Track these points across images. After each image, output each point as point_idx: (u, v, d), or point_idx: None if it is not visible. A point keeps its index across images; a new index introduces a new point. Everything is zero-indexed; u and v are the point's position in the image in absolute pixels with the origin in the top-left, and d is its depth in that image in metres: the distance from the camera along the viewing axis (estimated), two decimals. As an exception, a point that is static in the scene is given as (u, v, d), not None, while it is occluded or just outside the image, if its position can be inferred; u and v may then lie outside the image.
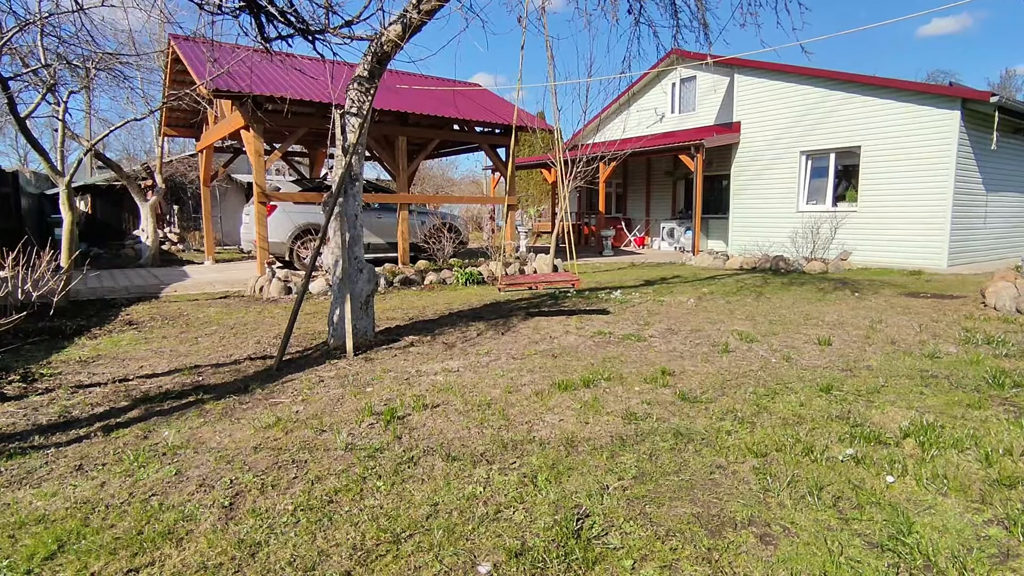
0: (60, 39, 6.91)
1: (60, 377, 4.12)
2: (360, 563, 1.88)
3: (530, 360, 4.44)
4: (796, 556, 1.87)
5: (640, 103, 16.41)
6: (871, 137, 11.06)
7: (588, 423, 3.09)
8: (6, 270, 5.42)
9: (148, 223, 11.91)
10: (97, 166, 19.63)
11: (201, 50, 8.37)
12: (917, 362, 4.22)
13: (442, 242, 10.62)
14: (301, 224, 10.31)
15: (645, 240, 16.82)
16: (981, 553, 1.88)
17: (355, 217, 4.98)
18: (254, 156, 8.87)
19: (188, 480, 2.49)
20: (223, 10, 4.18)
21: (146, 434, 3.02)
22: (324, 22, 4.39)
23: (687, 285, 8.73)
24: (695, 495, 2.30)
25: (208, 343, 5.19)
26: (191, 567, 1.87)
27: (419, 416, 3.24)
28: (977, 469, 2.46)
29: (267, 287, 8.12)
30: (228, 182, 17.82)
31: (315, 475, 2.51)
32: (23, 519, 2.17)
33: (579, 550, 1.92)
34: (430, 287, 8.96)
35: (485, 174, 28.92)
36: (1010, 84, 34.04)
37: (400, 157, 10.56)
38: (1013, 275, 6.64)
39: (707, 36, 6.40)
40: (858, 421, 3.03)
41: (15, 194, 13.32)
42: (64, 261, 7.08)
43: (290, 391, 3.75)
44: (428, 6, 4.59)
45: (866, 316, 5.98)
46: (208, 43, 5.27)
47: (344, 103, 4.92)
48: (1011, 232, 12.33)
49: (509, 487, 2.37)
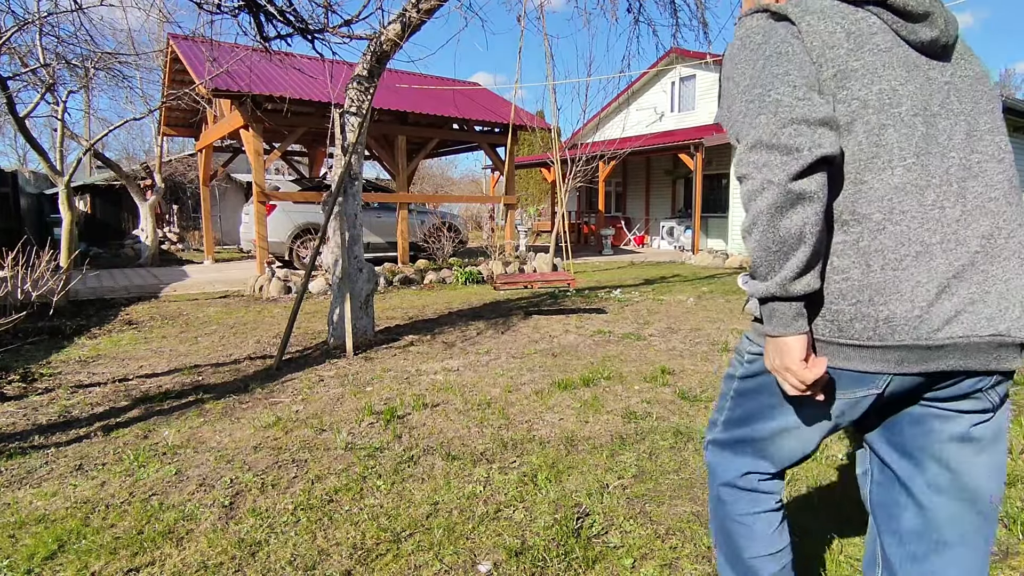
0: (59, 39, 6.91)
1: (60, 377, 4.12)
2: (360, 562, 1.88)
3: (530, 359, 4.44)
4: (796, 555, 1.87)
5: (639, 102, 16.41)
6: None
7: (588, 422, 3.09)
8: (6, 270, 5.42)
9: (147, 223, 11.91)
10: (96, 166, 19.61)
11: (200, 49, 8.36)
12: (917, 360, 4.22)
13: (442, 241, 10.62)
14: (301, 223, 10.30)
15: (644, 239, 16.82)
16: (981, 551, 1.88)
17: (355, 216, 4.97)
18: (253, 155, 8.87)
19: (188, 480, 2.49)
20: (222, 9, 4.18)
21: (146, 434, 3.02)
22: (323, 21, 4.39)
23: (687, 284, 8.73)
24: (695, 494, 2.30)
25: (208, 343, 5.19)
26: (191, 566, 1.87)
27: (419, 415, 3.25)
28: (977, 467, 2.46)
29: (267, 287, 8.12)
30: (227, 181, 17.81)
31: (315, 474, 2.51)
32: (23, 519, 2.17)
33: (579, 549, 1.92)
34: (430, 286, 8.96)
35: (484, 173, 28.93)
36: (1009, 83, 34.07)
37: (399, 156, 10.55)
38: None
39: (707, 35, 6.42)
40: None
41: (14, 194, 13.31)
42: (63, 261, 7.08)
43: (290, 390, 3.75)
44: (427, 5, 4.58)
45: (866, 315, 5.98)
46: (207, 42, 5.27)
47: (343, 102, 4.91)
48: (1010, 230, 12.34)
49: (509, 486, 2.37)
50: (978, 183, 1.03)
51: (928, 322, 0.98)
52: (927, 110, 1.03)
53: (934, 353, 0.99)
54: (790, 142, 0.95)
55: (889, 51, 1.03)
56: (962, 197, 1.01)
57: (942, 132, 1.03)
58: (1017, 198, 1.06)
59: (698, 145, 12.43)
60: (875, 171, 1.01)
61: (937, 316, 0.98)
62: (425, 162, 23.94)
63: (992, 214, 1.02)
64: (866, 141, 1.01)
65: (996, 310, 0.99)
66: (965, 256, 1.00)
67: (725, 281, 8.98)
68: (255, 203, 9.08)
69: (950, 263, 0.99)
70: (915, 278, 0.98)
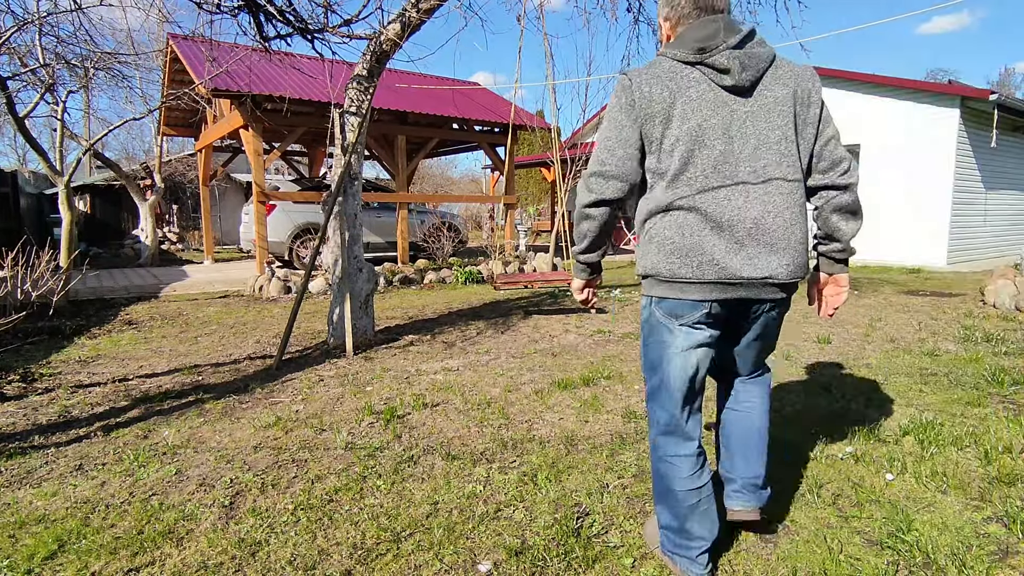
0: (58, 38, 6.90)
1: (60, 377, 4.12)
2: (360, 562, 1.89)
3: (530, 359, 4.44)
4: (796, 554, 1.87)
5: (639, 101, 16.37)
6: (870, 135, 11.06)
7: (588, 421, 3.09)
8: (5, 270, 5.41)
9: (147, 223, 11.91)
10: (96, 166, 19.61)
11: (200, 49, 8.35)
12: (916, 360, 4.22)
13: (441, 241, 10.62)
14: (300, 223, 10.30)
15: (644, 239, 16.78)
16: (980, 550, 1.88)
17: (354, 216, 4.97)
18: (253, 155, 8.87)
19: (188, 479, 2.50)
20: (222, 9, 4.18)
21: (146, 434, 3.02)
22: (323, 21, 4.39)
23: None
24: (695, 493, 2.30)
25: (208, 343, 5.19)
26: (191, 566, 1.87)
27: (419, 415, 3.25)
28: (976, 467, 2.46)
29: (266, 286, 8.12)
30: (227, 181, 17.81)
31: (315, 474, 2.51)
32: (23, 519, 2.17)
33: (579, 548, 1.92)
34: (429, 286, 8.96)
35: (484, 173, 28.91)
36: (1009, 82, 34.07)
37: (399, 156, 10.55)
38: (1012, 273, 6.65)
39: (706, 34, 6.39)
40: (857, 419, 3.03)
41: (14, 194, 13.31)
42: (63, 261, 7.08)
43: (290, 390, 3.75)
44: (427, 5, 4.58)
45: (865, 314, 5.99)
46: (207, 42, 5.27)
47: (343, 102, 4.91)
48: (1010, 230, 12.34)
49: (509, 486, 2.37)
50: (753, 190, 1.59)
51: (725, 269, 1.59)
52: (727, 134, 1.59)
53: (731, 287, 1.62)
54: (592, 186, 1.70)
55: (701, 97, 1.59)
56: (744, 192, 1.59)
57: (736, 149, 1.59)
58: (789, 189, 1.62)
59: (698, 145, 12.41)
60: (686, 179, 1.60)
61: (730, 265, 1.59)
62: (425, 162, 23.93)
63: (764, 203, 1.60)
64: (679, 161, 1.60)
65: (765, 263, 1.61)
66: (743, 231, 1.59)
67: (725, 281, 8.97)
68: (255, 203, 9.08)
69: (729, 236, 1.59)
70: (712, 243, 1.59)
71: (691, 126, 1.58)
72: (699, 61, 1.60)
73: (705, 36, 1.61)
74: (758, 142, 1.59)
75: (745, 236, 1.58)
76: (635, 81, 1.63)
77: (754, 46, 1.62)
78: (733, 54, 1.58)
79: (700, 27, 1.64)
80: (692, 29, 1.65)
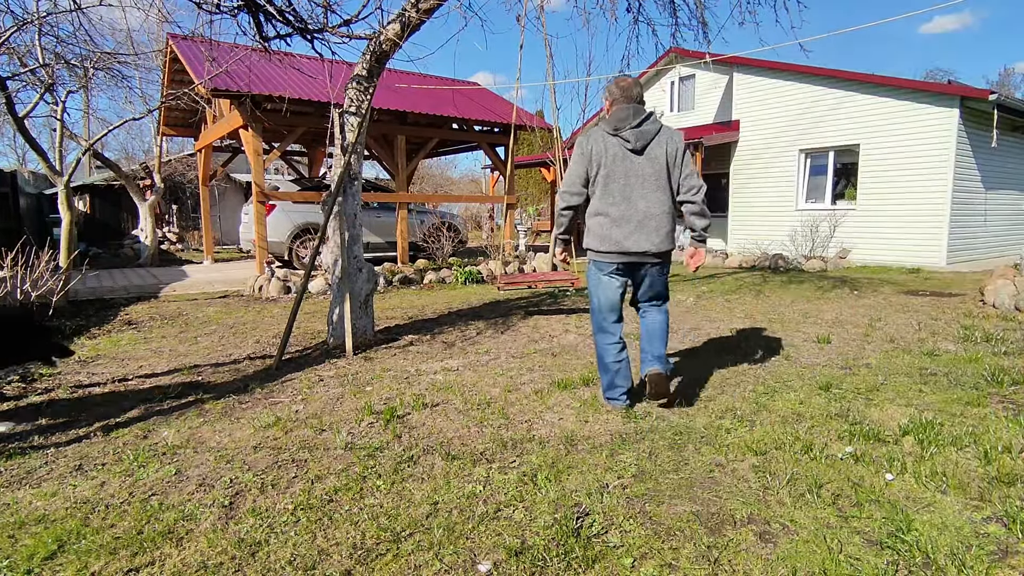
0: (58, 38, 6.91)
1: (60, 377, 4.12)
2: (360, 562, 1.89)
3: (530, 359, 4.44)
4: (796, 554, 1.87)
5: (639, 101, 16.36)
6: (870, 135, 11.06)
7: (588, 422, 3.09)
8: (5, 270, 5.41)
9: (147, 223, 11.91)
10: (96, 166, 19.60)
11: (199, 49, 8.35)
12: (916, 360, 4.22)
13: (441, 241, 10.62)
14: (300, 223, 10.30)
15: (644, 239, 16.78)
16: (980, 550, 1.88)
17: (354, 216, 4.97)
18: (253, 155, 8.87)
19: (188, 480, 2.49)
20: (221, 9, 4.18)
21: (146, 434, 3.02)
22: (323, 21, 4.39)
23: (686, 283, 8.73)
24: (695, 493, 2.30)
25: (207, 343, 5.19)
26: (191, 567, 1.87)
27: (419, 415, 3.25)
28: (976, 467, 2.46)
29: (266, 286, 8.12)
30: (227, 181, 17.81)
31: (315, 474, 2.51)
32: (23, 519, 2.17)
33: (579, 548, 1.92)
34: (429, 286, 8.96)
35: (484, 173, 28.91)
36: (1009, 82, 34.03)
37: (399, 156, 10.55)
38: (1012, 273, 6.65)
39: (706, 34, 6.39)
40: (857, 419, 3.03)
41: (13, 194, 13.31)
42: (63, 261, 7.08)
43: (290, 390, 3.75)
44: (426, 5, 4.58)
45: (865, 314, 5.99)
46: (207, 42, 5.26)
47: (343, 102, 4.91)
48: (1010, 230, 12.34)
49: (509, 486, 2.37)
50: (638, 204, 3.02)
51: (622, 244, 3.03)
52: (626, 177, 3.02)
53: (626, 255, 3.06)
54: (564, 199, 3.19)
55: (615, 154, 3.02)
56: (632, 207, 3.02)
57: (630, 186, 3.02)
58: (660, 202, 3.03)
59: (698, 145, 12.42)
60: (604, 198, 3.06)
61: (625, 243, 3.03)
62: (425, 162, 23.93)
63: (645, 211, 3.01)
64: (603, 190, 3.05)
65: (644, 242, 3.02)
66: (629, 227, 3.02)
67: (724, 281, 8.98)
68: (255, 203, 9.08)
69: (624, 228, 3.03)
70: (616, 232, 3.04)
71: (609, 169, 3.03)
72: (615, 133, 3.02)
73: (621, 119, 3.01)
74: (644, 179, 3.01)
75: (633, 229, 3.02)
76: (586, 141, 3.07)
77: (647, 124, 3.00)
78: (633, 132, 2.98)
79: (620, 111, 3.03)
80: (616, 110, 3.05)
